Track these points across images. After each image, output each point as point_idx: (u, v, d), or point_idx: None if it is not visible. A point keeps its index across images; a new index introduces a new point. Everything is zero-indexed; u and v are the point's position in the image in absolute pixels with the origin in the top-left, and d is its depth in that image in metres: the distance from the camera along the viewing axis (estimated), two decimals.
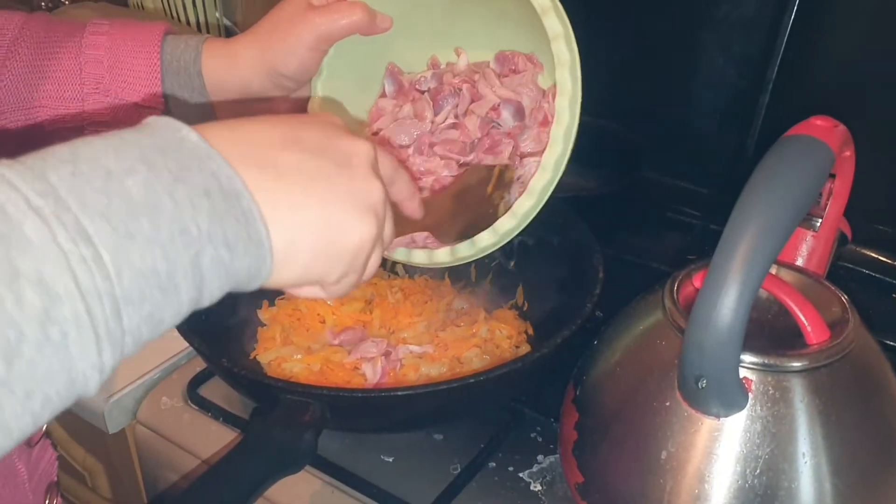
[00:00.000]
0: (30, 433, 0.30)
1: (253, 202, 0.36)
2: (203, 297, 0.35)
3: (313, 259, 0.40)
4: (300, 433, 0.60)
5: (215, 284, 0.35)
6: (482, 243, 0.65)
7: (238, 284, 0.37)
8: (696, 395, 0.52)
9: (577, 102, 0.61)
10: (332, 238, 0.41)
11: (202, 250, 0.34)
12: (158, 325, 0.34)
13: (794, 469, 0.52)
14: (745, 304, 0.48)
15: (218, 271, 0.35)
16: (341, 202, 0.41)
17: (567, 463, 0.63)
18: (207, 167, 0.35)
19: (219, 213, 0.35)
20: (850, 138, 0.59)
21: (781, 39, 0.94)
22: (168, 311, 0.34)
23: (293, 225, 0.39)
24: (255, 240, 0.36)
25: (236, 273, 0.36)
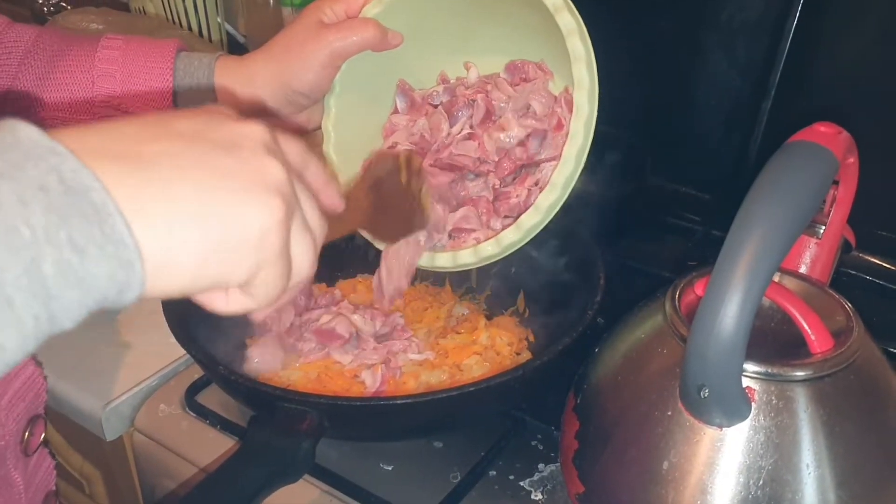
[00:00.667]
0: None
1: (108, 196, 0.31)
2: (55, 313, 0.30)
3: (203, 258, 0.34)
4: (298, 442, 0.59)
5: (69, 297, 0.30)
6: (508, 240, 0.65)
7: (104, 297, 0.31)
8: (699, 404, 0.52)
9: (594, 95, 0.63)
10: (223, 229, 0.34)
11: (40, 255, 0.29)
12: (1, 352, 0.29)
13: (797, 480, 0.51)
14: (748, 313, 0.47)
15: (67, 280, 0.30)
16: (228, 187, 0.35)
17: (568, 472, 0.62)
18: (46, 162, 0.30)
19: (59, 210, 0.30)
20: (853, 145, 0.58)
21: (784, 45, 0.93)
22: (8, 334, 0.29)
23: (167, 220, 0.33)
24: (112, 239, 0.31)
25: (95, 281, 0.30)
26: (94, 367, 0.83)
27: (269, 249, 0.36)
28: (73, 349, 0.85)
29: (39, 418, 0.65)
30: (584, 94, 0.62)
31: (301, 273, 0.40)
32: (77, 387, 0.81)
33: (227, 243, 0.35)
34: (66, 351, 0.85)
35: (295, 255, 0.39)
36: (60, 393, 0.82)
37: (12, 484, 0.61)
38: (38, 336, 0.30)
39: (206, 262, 0.34)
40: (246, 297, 0.38)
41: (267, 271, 0.37)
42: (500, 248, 0.65)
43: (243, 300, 0.38)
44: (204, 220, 0.34)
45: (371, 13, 0.67)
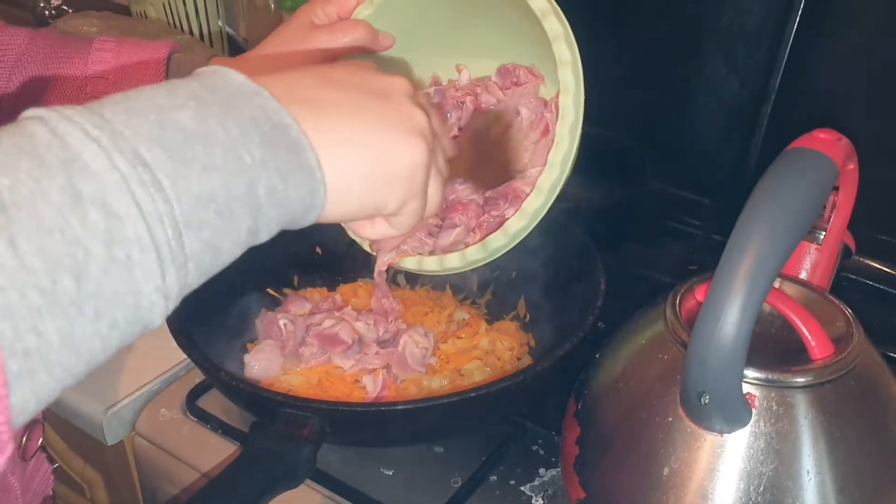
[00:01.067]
0: (96, 360, 0.31)
1: (301, 133, 0.37)
2: (260, 227, 0.36)
3: (367, 187, 0.40)
4: (299, 447, 0.59)
5: (271, 215, 0.36)
6: (494, 244, 0.65)
7: (293, 218, 0.38)
8: (699, 410, 0.52)
9: (580, 100, 0.62)
10: (382, 164, 0.41)
11: (256, 178, 0.35)
12: (217, 253, 0.34)
13: (798, 486, 0.51)
14: (748, 319, 0.47)
15: (273, 201, 0.36)
16: (386, 129, 0.42)
17: (568, 478, 0.62)
18: (254, 101, 0.36)
19: (270, 142, 0.36)
20: (853, 151, 0.58)
21: (784, 50, 0.93)
22: (227, 239, 0.34)
23: (342, 155, 0.39)
24: (306, 170, 0.37)
25: (290, 204, 0.37)
26: (96, 372, 0.82)
27: (416, 184, 0.43)
28: None
29: (37, 423, 0.65)
30: (570, 99, 0.62)
31: (432, 208, 0.46)
32: (78, 391, 0.81)
33: (383, 176, 0.41)
34: None
35: (430, 193, 0.45)
36: (62, 397, 0.81)
37: (9, 489, 0.61)
38: (244, 245, 0.36)
39: (368, 192, 0.41)
40: (388, 226, 0.46)
41: (411, 204, 0.44)
42: (486, 252, 0.65)
43: (385, 228, 0.46)
44: (368, 157, 0.40)
45: (362, 15, 0.67)
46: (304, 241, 0.88)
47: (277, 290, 0.87)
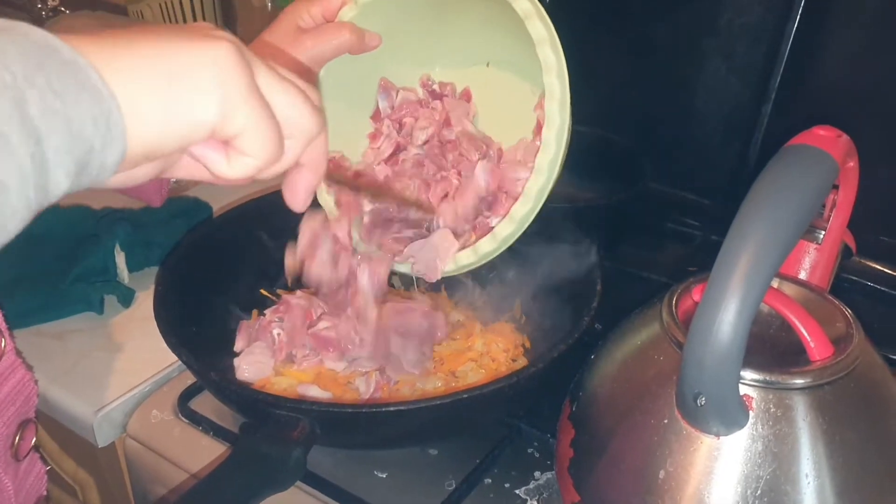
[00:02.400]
0: None
1: (76, 54, 0.33)
2: (47, 155, 0.32)
3: (169, 96, 0.36)
4: (289, 449, 0.58)
5: (57, 140, 0.32)
6: (483, 249, 0.65)
7: (91, 147, 0.34)
8: (695, 412, 0.50)
9: (566, 105, 0.62)
10: (179, 68, 0.36)
11: (23, 97, 0.31)
12: (3, 188, 0.31)
13: (796, 490, 0.50)
14: (745, 319, 0.46)
15: (52, 121, 0.32)
16: (179, 39, 0.37)
17: (563, 481, 0.61)
18: (17, 30, 0.33)
19: (34, 59, 0.32)
20: (853, 149, 0.57)
21: (784, 49, 0.93)
22: (6, 169, 0.30)
23: (131, 69, 0.35)
24: (88, 87, 0.33)
25: (80, 128, 0.33)
26: (87, 373, 0.83)
27: (231, 84, 0.37)
28: (65, 354, 0.85)
29: (30, 423, 0.64)
30: (556, 104, 0.61)
31: (299, 126, 0.41)
32: (69, 392, 0.81)
33: (185, 80, 0.36)
34: (59, 356, 0.85)
35: (278, 104, 0.40)
36: (53, 398, 0.81)
37: (2, 489, 0.60)
38: (36, 183, 0.32)
39: (172, 100, 0.36)
40: (242, 154, 0.39)
41: (240, 112, 0.38)
42: (476, 256, 0.66)
43: (242, 159, 0.40)
44: (161, 64, 0.36)
45: (347, 17, 0.67)
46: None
47: (270, 290, 0.86)
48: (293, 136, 0.42)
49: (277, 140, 0.40)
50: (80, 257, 0.92)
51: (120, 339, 0.87)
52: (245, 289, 0.85)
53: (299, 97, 0.41)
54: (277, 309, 0.81)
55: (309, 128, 0.42)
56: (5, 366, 0.61)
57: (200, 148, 0.40)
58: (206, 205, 1.06)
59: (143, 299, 0.93)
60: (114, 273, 0.93)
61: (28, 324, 0.88)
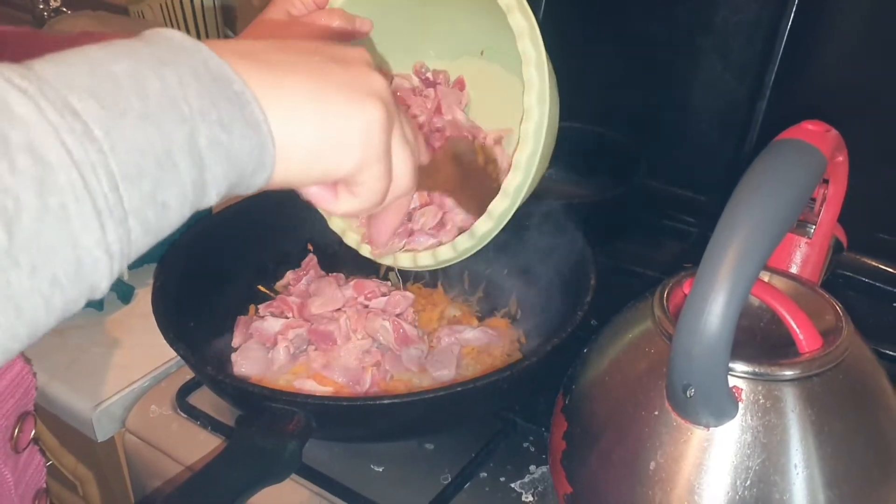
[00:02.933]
0: (39, 321, 0.30)
1: (245, 86, 0.36)
2: (207, 181, 0.35)
3: (318, 143, 0.39)
4: (285, 442, 0.59)
5: (218, 169, 0.35)
6: (462, 246, 0.66)
7: (242, 175, 0.36)
8: (685, 404, 0.51)
9: (545, 98, 0.61)
10: (334, 120, 0.40)
11: (196, 128, 0.34)
12: (163, 209, 0.33)
13: (785, 481, 0.51)
14: (733, 311, 0.46)
15: (217, 153, 0.35)
16: (341, 88, 0.40)
17: (556, 473, 0.62)
18: (195, 56, 0.35)
19: (209, 93, 0.35)
20: (842, 143, 0.58)
21: (779, 47, 0.93)
22: (171, 192, 0.33)
23: (290, 109, 0.38)
24: (251, 122, 0.36)
25: (237, 158, 0.36)
26: (86, 368, 0.83)
27: (372, 147, 0.41)
28: (65, 350, 0.86)
29: (29, 415, 0.64)
30: (534, 97, 0.61)
31: (402, 184, 0.45)
32: (69, 387, 0.81)
33: (334, 134, 0.40)
34: (58, 351, 0.85)
35: (395, 164, 0.44)
36: (52, 393, 0.82)
37: (2, 480, 0.61)
38: (192, 203, 0.35)
39: (319, 149, 0.39)
40: (352, 196, 0.44)
41: (370, 169, 0.42)
42: (455, 252, 0.66)
43: (350, 200, 0.44)
44: (317, 113, 0.39)
45: (338, 3, 0.67)
46: (295, 238, 0.88)
47: (268, 286, 0.87)
48: (393, 192, 0.46)
49: (385, 193, 0.45)
50: None
51: (119, 336, 0.88)
52: (243, 285, 0.85)
53: (412, 161, 0.46)
54: (271, 304, 0.81)
55: (408, 187, 0.46)
56: None
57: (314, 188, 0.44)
58: None
59: (142, 296, 0.94)
60: None
61: None
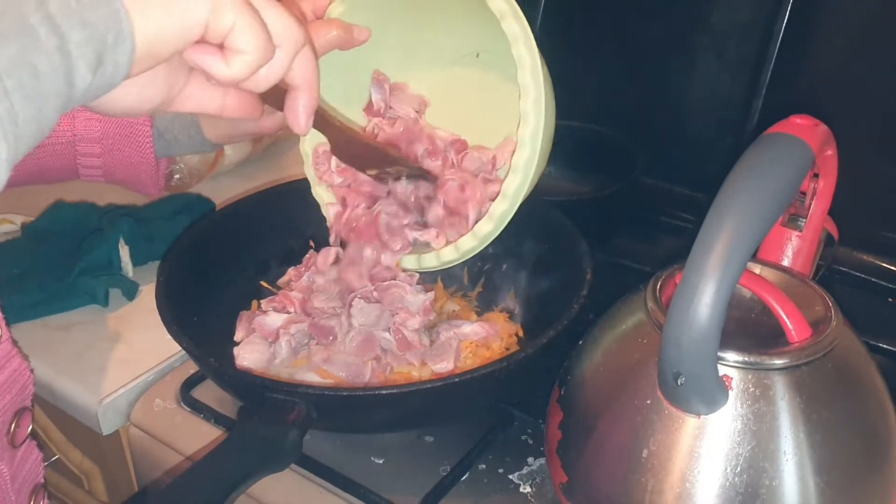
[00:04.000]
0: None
1: None
2: (70, 50, 0.37)
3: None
4: (285, 432, 0.60)
5: (77, 37, 0.37)
6: (465, 247, 0.68)
7: (104, 42, 0.38)
8: (676, 392, 0.52)
9: (540, 103, 0.62)
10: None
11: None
12: (35, 72, 0.36)
13: (775, 467, 0.52)
14: (721, 300, 0.48)
15: (70, 20, 0.37)
16: None
17: (552, 463, 0.63)
18: None
19: None
20: (831, 137, 0.59)
21: (774, 45, 0.94)
22: (38, 57, 0.36)
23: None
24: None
25: (94, 25, 0.38)
26: (91, 363, 0.85)
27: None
28: (70, 345, 0.87)
29: (26, 411, 0.65)
30: (530, 102, 0.62)
31: (287, 37, 0.47)
32: (74, 382, 0.83)
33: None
34: (64, 347, 0.87)
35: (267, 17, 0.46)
36: (58, 388, 0.83)
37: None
38: (65, 72, 0.37)
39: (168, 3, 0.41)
40: (236, 55, 0.45)
41: (230, 14, 0.43)
42: (458, 253, 0.69)
43: (237, 59, 0.45)
44: None
45: (335, 13, 0.68)
46: (297, 235, 0.89)
47: (271, 283, 0.88)
48: (281, 45, 0.47)
49: (266, 37, 0.45)
50: (86, 252, 0.94)
51: (124, 331, 0.90)
52: (245, 281, 0.86)
53: (281, 9, 0.47)
54: (273, 300, 0.83)
55: (295, 36, 0.48)
56: (1, 354, 0.62)
57: (198, 52, 0.45)
58: (208, 200, 1.08)
59: (147, 292, 0.95)
60: (118, 267, 0.95)
61: (35, 316, 0.90)
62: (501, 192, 0.64)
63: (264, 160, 1.25)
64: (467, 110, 0.80)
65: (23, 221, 1.04)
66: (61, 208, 1.04)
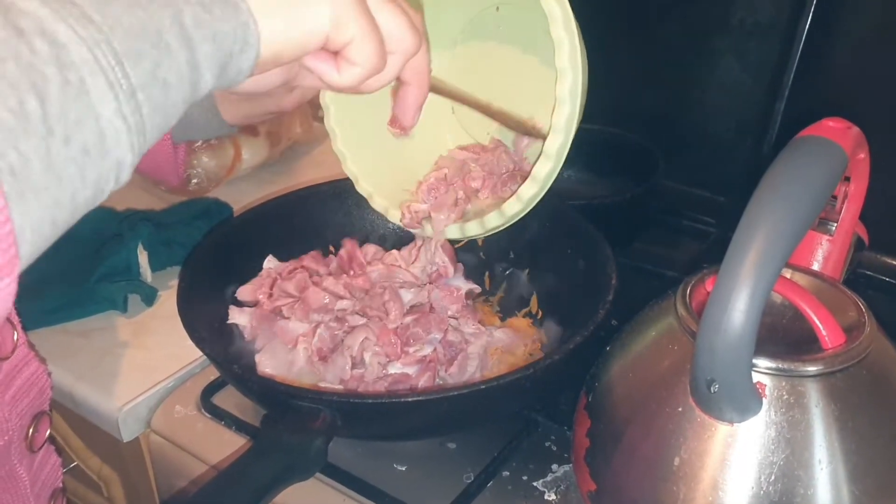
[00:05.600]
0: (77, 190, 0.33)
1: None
2: (199, 61, 0.38)
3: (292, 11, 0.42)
4: (311, 439, 0.60)
5: (206, 48, 0.38)
6: (511, 210, 0.69)
7: (231, 52, 0.40)
8: (709, 400, 0.51)
9: (576, 59, 0.63)
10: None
11: (180, 10, 0.37)
12: (165, 86, 0.36)
13: (809, 476, 0.51)
14: (756, 306, 0.47)
15: (202, 32, 0.38)
16: None
17: (579, 471, 0.62)
18: None
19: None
20: (864, 140, 0.58)
21: (797, 45, 0.93)
22: (169, 70, 0.36)
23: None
24: (230, 2, 0.39)
25: (223, 36, 0.39)
26: (111, 369, 0.84)
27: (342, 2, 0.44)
28: (90, 351, 0.87)
29: (44, 415, 0.65)
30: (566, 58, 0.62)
31: (402, 43, 0.48)
32: (94, 388, 0.82)
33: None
34: (84, 353, 0.86)
35: (383, 22, 0.47)
36: (79, 394, 0.83)
37: (18, 480, 0.62)
38: (191, 83, 0.38)
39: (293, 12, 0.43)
40: (351, 64, 0.47)
41: (350, 25, 0.45)
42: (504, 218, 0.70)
43: (350, 68, 0.47)
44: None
45: None
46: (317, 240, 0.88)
47: None
48: (395, 52, 0.49)
49: (381, 51, 0.47)
50: (105, 257, 0.94)
51: (143, 337, 0.89)
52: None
53: (402, 17, 0.48)
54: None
55: (409, 43, 0.49)
56: (18, 358, 0.62)
57: (315, 60, 0.47)
58: (226, 205, 1.08)
59: (166, 298, 0.95)
60: (137, 272, 0.95)
61: (55, 322, 0.90)
62: (552, 128, 0.65)
63: (281, 164, 1.25)
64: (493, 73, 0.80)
65: None
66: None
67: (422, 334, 0.74)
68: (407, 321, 0.75)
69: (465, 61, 0.80)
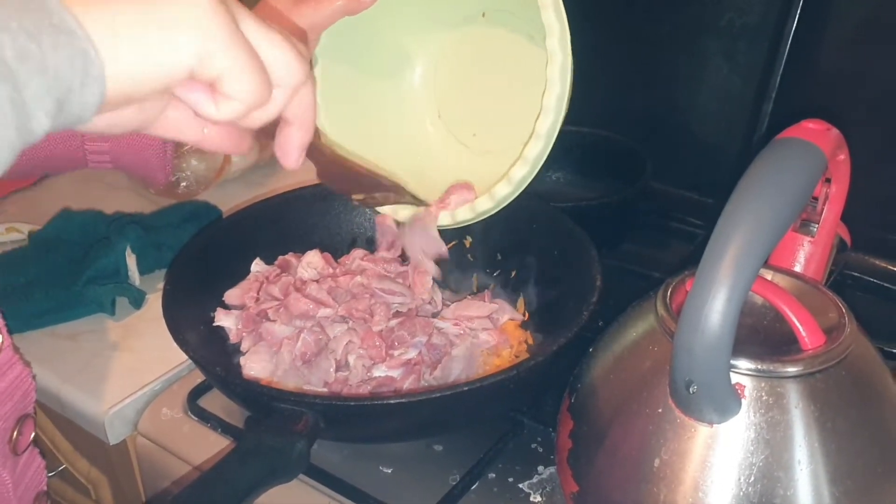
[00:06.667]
0: None
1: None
2: (26, 99, 0.33)
3: (142, 34, 0.36)
4: (293, 442, 0.60)
5: (36, 84, 0.33)
6: (501, 193, 0.71)
7: (70, 87, 0.34)
8: (688, 401, 0.51)
9: (566, 42, 0.64)
10: (157, 8, 0.37)
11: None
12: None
13: (789, 477, 0.51)
14: (733, 307, 0.47)
15: (28, 65, 0.32)
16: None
17: (562, 472, 0.62)
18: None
19: (8, 3, 0.33)
20: (843, 142, 0.58)
21: (784, 48, 0.93)
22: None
23: (102, 7, 0.35)
24: (62, 29, 0.33)
25: (57, 70, 0.33)
26: (99, 372, 0.84)
27: (212, 29, 0.38)
28: (77, 354, 0.87)
29: (28, 418, 0.65)
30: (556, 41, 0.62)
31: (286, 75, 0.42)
32: (82, 391, 0.82)
33: (161, 20, 0.37)
34: (71, 356, 0.86)
35: (264, 52, 0.41)
36: (65, 397, 0.83)
37: (1, 482, 0.62)
38: (17, 124, 0.33)
39: (147, 40, 0.36)
40: (228, 98, 0.40)
41: (223, 57, 0.38)
42: (494, 201, 0.72)
43: (228, 102, 0.40)
44: (138, 4, 0.36)
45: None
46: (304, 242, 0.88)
47: None
48: (279, 85, 0.42)
49: (263, 84, 0.41)
50: (93, 260, 0.94)
51: (131, 340, 0.89)
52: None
53: (285, 45, 0.42)
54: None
55: (295, 75, 0.43)
56: (2, 361, 0.62)
57: (187, 90, 0.40)
58: (215, 208, 1.08)
59: (154, 301, 0.95)
60: (125, 275, 0.95)
61: (42, 325, 0.90)
62: (534, 134, 0.66)
63: (271, 167, 1.25)
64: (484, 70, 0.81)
65: (30, 230, 1.04)
66: (68, 217, 1.03)
67: (406, 337, 0.74)
68: (392, 324, 0.75)
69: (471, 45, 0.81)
